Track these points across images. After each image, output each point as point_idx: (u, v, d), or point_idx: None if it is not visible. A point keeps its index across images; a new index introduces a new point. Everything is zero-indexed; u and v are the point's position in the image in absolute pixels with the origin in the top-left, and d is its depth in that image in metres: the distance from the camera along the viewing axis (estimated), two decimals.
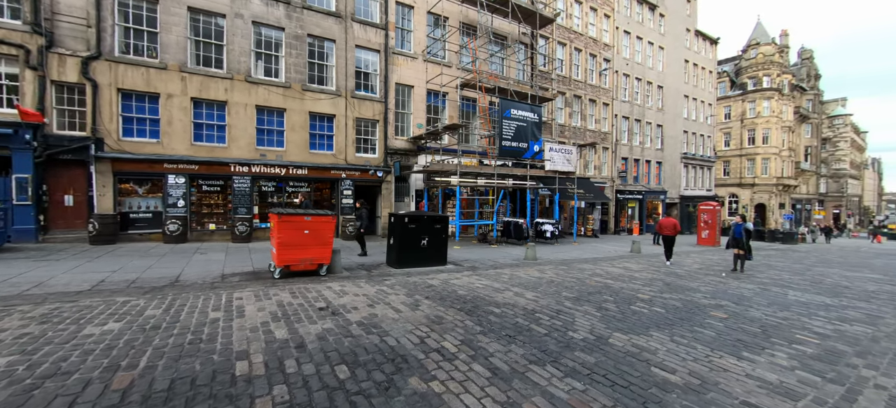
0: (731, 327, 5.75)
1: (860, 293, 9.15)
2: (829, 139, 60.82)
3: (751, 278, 10.46)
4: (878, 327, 6.25)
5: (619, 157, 27.57)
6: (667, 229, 12.68)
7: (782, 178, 43.97)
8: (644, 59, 29.50)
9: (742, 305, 7.26)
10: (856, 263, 15.76)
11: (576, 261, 12.49)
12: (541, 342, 4.72)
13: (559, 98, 23.67)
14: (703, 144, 36.01)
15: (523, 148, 17.46)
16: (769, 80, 44.20)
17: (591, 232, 23.56)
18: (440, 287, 7.66)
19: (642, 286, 8.59)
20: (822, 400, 3.63)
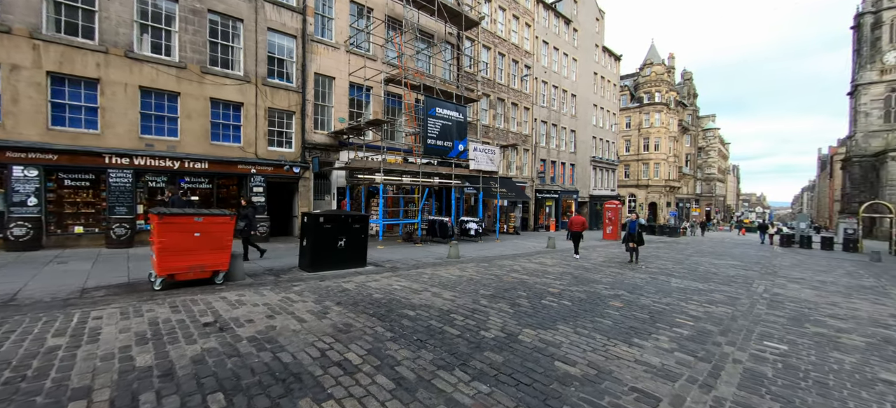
0: (625, 316, 6.28)
1: (724, 278, 10.83)
2: (703, 148, 72.42)
3: (643, 269, 11.77)
4: (736, 307, 7.37)
5: (538, 158, 29.41)
6: (576, 226, 13.84)
7: (669, 180, 51.15)
8: (560, 69, 31.87)
9: (635, 293, 8.06)
10: (721, 253, 18.82)
11: (496, 258, 12.87)
12: (452, 345, 4.60)
13: (484, 100, 24.40)
14: (609, 149, 40.22)
15: (448, 147, 17.57)
16: (660, 95, 51.05)
17: (512, 229, 24.74)
18: (355, 291, 7.20)
19: (554, 280, 9.09)
20: (694, 379, 4.05)
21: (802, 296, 8.84)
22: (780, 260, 16.86)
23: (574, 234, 13.92)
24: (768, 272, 12.63)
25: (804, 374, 4.34)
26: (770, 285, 10.02)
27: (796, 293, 9.14)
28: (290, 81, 15.99)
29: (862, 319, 7.00)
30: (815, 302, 8.25)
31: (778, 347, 5.21)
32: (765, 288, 9.57)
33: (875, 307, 8.06)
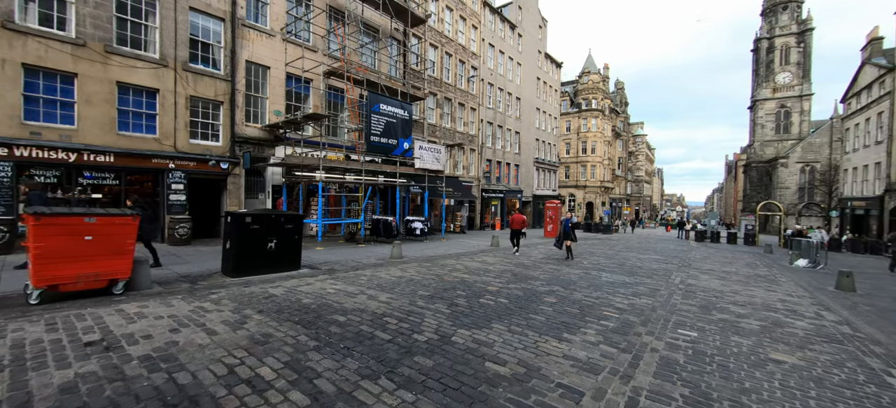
0: (558, 311, 6.47)
1: (647, 271, 11.73)
2: (632, 153, 78.92)
3: (578, 264, 12.39)
4: (656, 298, 7.95)
5: (484, 158, 29.96)
6: (516, 224, 14.37)
7: (604, 181, 55.01)
8: (505, 72, 32.77)
9: (569, 288, 8.38)
10: (647, 248, 20.51)
11: (440, 257, 12.78)
12: (381, 351, 4.35)
13: (431, 98, 24.29)
14: (551, 151, 42.23)
15: (393, 144, 17.18)
16: (596, 102, 54.67)
17: (459, 228, 24.93)
18: (282, 297, 6.64)
19: (494, 278, 9.18)
20: (616, 370, 4.20)
21: (711, 286, 9.82)
22: (694, 253, 18.76)
23: (514, 232, 14.43)
24: (684, 265, 13.95)
25: (710, 358, 4.72)
26: (685, 277, 11.03)
27: (706, 283, 10.14)
28: (218, 68, 14.57)
29: (757, 304, 7.90)
30: (721, 291, 9.19)
31: (689, 334, 5.65)
32: (681, 279, 10.51)
33: (767, 294, 9.18)
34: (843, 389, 4.08)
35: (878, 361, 5.02)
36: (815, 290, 9.94)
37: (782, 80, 57.14)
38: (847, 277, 10.17)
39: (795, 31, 56.38)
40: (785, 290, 9.79)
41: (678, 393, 3.74)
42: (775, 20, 57.99)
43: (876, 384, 4.24)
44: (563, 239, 13.40)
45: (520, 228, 14.52)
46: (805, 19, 56.08)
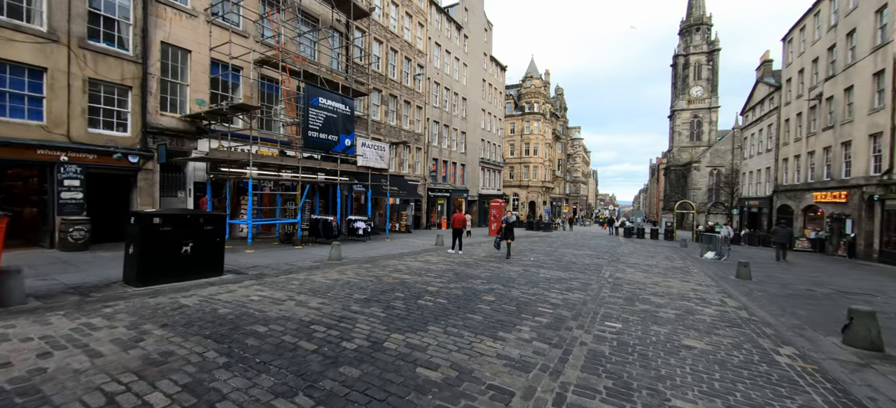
0: (495, 309, 6.49)
1: (581, 267, 12.38)
2: (571, 155, 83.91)
3: (518, 262, 12.72)
4: (588, 292, 8.36)
5: (430, 157, 29.88)
6: (457, 223, 14.52)
7: (545, 182, 57.79)
8: (452, 72, 32.98)
9: (508, 286, 8.51)
10: (582, 244, 21.79)
11: (382, 258, 12.40)
12: (303, 364, 3.97)
13: (375, 95, 23.63)
14: (495, 152, 43.38)
15: (333, 141, 16.38)
16: (538, 106, 57.23)
17: (404, 228, 24.57)
18: (195, 308, 5.91)
19: (435, 278, 9.05)
20: (546, 366, 4.25)
21: (636, 278, 10.59)
22: (622, 249, 20.31)
23: (456, 231, 14.54)
24: (614, 260, 14.98)
25: (632, 348, 4.98)
26: (614, 271, 11.80)
27: (632, 276, 10.93)
28: (126, 48, 12.78)
29: (673, 294, 8.64)
30: (643, 283, 9.94)
31: (615, 326, 5.95)
32: (610, 274, 11.22)
33: (682, 284, 10.11)
34: (742, 369, 4.50)
35: (768, 341, 5.66)
36: (720, 279, 11.17)
37: (695, 93, 64.33)
38: (745, 267, 11.56)
39: (706, 50, 63.71)
40: (696, 280, 10.87)
41: (602, 386, 3.86)
42: (690, 39, 65.05)
43: (767, 363, 4.75)
44: (503, 238, 13.60)
45: (461, 228, 14.65)
46: (713, 40, 63.60)
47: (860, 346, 5.48)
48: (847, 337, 5.68)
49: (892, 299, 9.30)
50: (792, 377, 4.35)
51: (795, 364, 4.77)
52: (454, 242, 14.70)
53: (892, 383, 4.33)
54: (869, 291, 10.32)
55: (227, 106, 13.31)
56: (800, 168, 26.81)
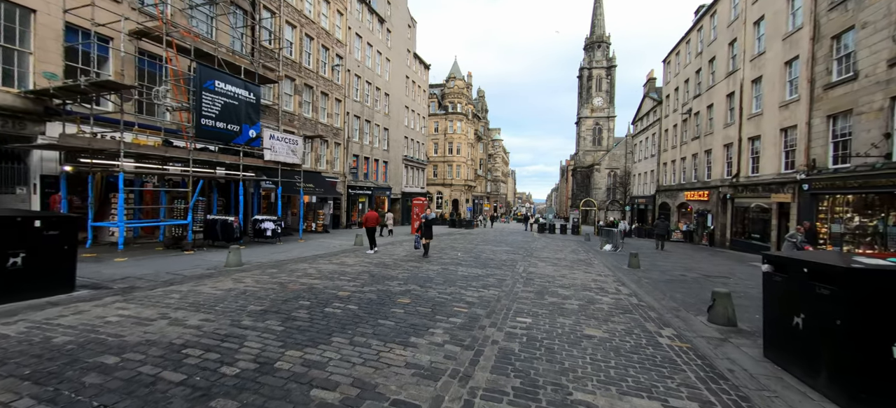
0: (410, 312, 6.20)
1: (498, 263, 12.78)
2: (491, 155, 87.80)
3: (438, 260, 12.66)
4: (502, 288, 8.56)
5: (350, 153, 28.53)
6: (370, 222, 14.07)
7: (468, 180, 59.54)
8: (373, 66, 31.92)
9: (425, 286, 8.30)
10: (500, 241, 22.74)
11: (291, 261, 11.30)
12: (160, 402, 3.20)
13: (288, 83, 21.68)
14: (419, 150, 43.28)
15: (234, 131, 14.53)
16: (461, 106, 58.67)
17: (321, 228, 23.04)
18: (18, 339, 4.54)
19: (348, 282, 8.45)
20: (457, 371, 4.08)
21: (546, 272, 11.23)
22: (536, 243, 21.69)
23: (370, 230, 14.09)
24: (528, 255, 15.83)
25: (539, 343, 5.10)
26: (527, 266, 12.41)
27: (543, 270, 11.58)
28: None
29: (577, 286, 9.30)
30: (552, 276, 10.57)
31: (525, 321, 6.09)
32: (523, 268, 11.75)
33: (585, 275, 10.99)
34: (632, 354, 4.88)
35: (653, 324, 6.31)
36: (616, 269, 12.44)
37: (597, 103, 72.10)
38: (635, 258, 13.05)
39: (605, 65, 71.70)
40: (597, 271, 11.93)
41: (510, 386, 3.80)
42: (593, 55, 72.58)
43: (653, 346, 5.24)
44: (422, 236, 13.35)
45: (374, 226, 14.26)
46: (611, 58, 71.86)
47: (721, 323, 6.40)
48: (711, 316, 6.60)
49: (741, 280, 11.26)
50: (672, 358, 4.83)
51: (674, 344, 5.34)
52: (370, 241, 14.22)
53: (744, 354, 5.07)
54: (724, 274, 12.40)
55: (87, 83, 10.86)
56: (675, 171, 31.56)
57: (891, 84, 12.59)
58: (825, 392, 3.88)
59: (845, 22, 14.71)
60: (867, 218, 14.24)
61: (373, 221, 14.19)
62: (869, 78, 13.44)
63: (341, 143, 27.17)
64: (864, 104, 13.62)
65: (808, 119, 16.40)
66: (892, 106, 12.66)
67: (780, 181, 18.04)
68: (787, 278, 4.54)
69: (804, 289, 4.20)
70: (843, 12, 14.84)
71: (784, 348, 4.62)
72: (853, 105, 14.12)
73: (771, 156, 19.00)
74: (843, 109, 14.62)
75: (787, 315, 4.47)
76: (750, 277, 11.84)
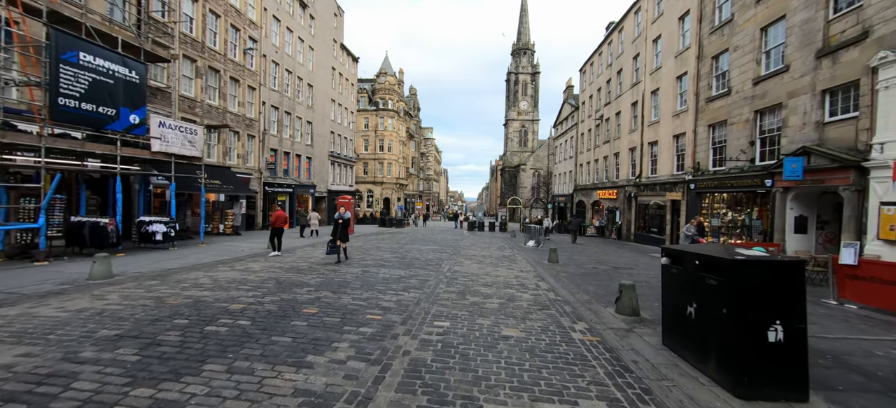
0: (314, 325, 5.47)
1: (424, 262, 12.40)
2: (424, 154, 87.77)
3: (360, 262, 11.87)
4: (424, 290, 8.16)
5: (267, 147, 26.01)
6: (278, 222, 12.97)
7: (399, 178, 58.59)
8: (295, 54, 29.51)
9: (339, 292, 7.56)
10: (429, 239, 22.47)
11: (182, 270, 9.65)
12: None
13: (187, 65, 18.88)
14: (347, 146, 41.32)
15: (108, 115, 12.09)
16: (392, 103, 57.47)
17: (231, 229, 20.55)
18: None
19: (247, 292, 7.34)
20: (356, 394, 3.53)
21: (471, 270, 11.13)
22: (464, 241, 21.84)
23: (275, 231, 12.90)
24: (455, 253, 15.73)
25: (455, 349, 4.77)
26: (453, 264, 12.22)
27: (468, 268, 11.47)
28: None
29: (500, 283, 9.29)
30: (476, 274, 10.49)
31: (443, 325, 5.75)
32: (449, 267, 11.52)
33: (508, 272, 11.11)
34: (546, 353, 4.78)
35: (567, 319, 6.40)
36: (537, 264, 12.85)
37: (523, 107, 76.03)
38: (554, 253, 13.64)
39: (530, 71, 75.86)
40: (519, 267, 12.19)
41: (416, 406, 3.37)
42: (519, 60, 76.29)
43: (566, 342, 5.23)
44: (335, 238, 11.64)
45: (282, 227, 13.07)
46: (535, 64, 76.27)
47: (626, 313, 6.73)
48: (618, 307, 6.93)
49: (643, 271, 12.35)
50: (583, 354, 4.83)
51: (585, 338, 5.41)
52: (277, 244, 13.03)
53: (646, 343, 5.30)
54: (630, 266, 13.53)
55: None
56: (590, 172, 34.36)
57: (755, 99, 14.87)
58: (714, 377, 4.11)
59: (722, 44, 17.09)
60: (737, 213, 16.73)
61: (281, 221, 13.00)
62: (739, 94, 15.74)
63: (256, 135, 24.60)
64: (736, 116, 15.94)
65: (694, 127, 18.79)
66: (755, 118, 14.97)
67: (672, 181, 20.46)
68: (681, 270, 4.79)
69: (696, 280, 4.44)
70: (720, 36, 17.22)
71: (680, 336, 4.89)
72: (727, 116, 16.44)
73: (666, 159, 21.47)
74: (720, 120, 16.97)
75: (682, 305, 4.71)
76: (650, 268, 13.07)
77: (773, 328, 3.75)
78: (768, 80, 14.28)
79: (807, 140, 12.49)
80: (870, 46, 10.76)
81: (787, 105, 13.41)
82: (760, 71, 14.81)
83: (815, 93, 12.40)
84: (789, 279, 3.81)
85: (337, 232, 11.58)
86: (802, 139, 12.68)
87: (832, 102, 12.06)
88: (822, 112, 12.24)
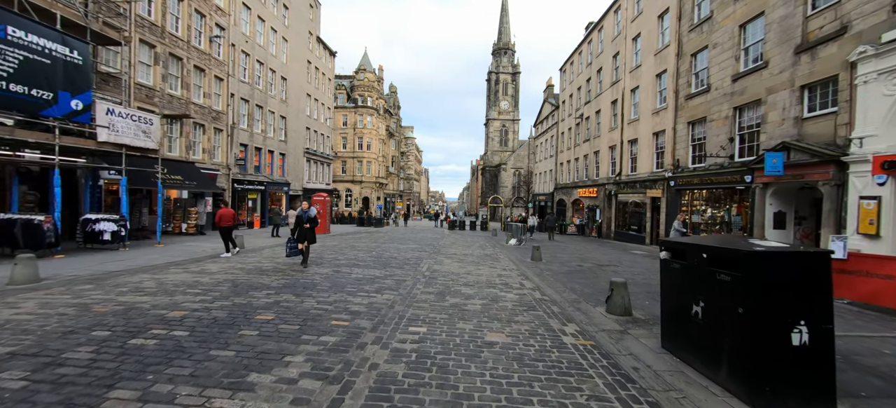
0: (266, 334, 4.67)
1: (401, 262, 11.65)
2: (404, 153, 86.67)
3: (332, 262, 11.02)
4: (400, 291, 7.44)
5: (237, 142, 24.55)
6: (225, 220, 11.82)
7: (379, 177, 57.38)
8: (267, 44, 28.07)
9: (303, 295, 6.74)
10: (409, 238, 21.70)
11: (126, 272, 8.56)
12: None
13: (145, 50, 17.40)
14: (324, 143, 39.92)
15: (44, 99, 10.76)
16: (371, 100, 56.21)
17: (194, 228, 19.13)
18: None
19: (194, 297, 6.42)
20: None
21: (452, 270, 10.47)
22: (445, 240, 21.18)
23: (224, 230, 11.79)
24: (435, 251, 15.05)
25: (431, 361, 4.09)
26: (433, 263, 11.53)
27: (448, 267, 10.81)
28: None
29: (482, 283, 8.67)
30: (457, 273, 9.84)
31: (419, 331, 5.06)
32: (428, 266, 10.83)
33: (491, 270, 10.52)
34: (537, 362, 4.17)
35: (556, 321, 5.83)
36: (520, 262, 12.33)
37: (504, 106, 76.11)
38: (537, 250, 13.16)
39: (511, 71, 76.05)
40: (502, 266, 11.62)
41: None
42: (500, 60, 76.34)
43: (558, 348, 4.64)
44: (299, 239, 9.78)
45: (229, 226, 11.84)
46: (516, 64, 76.50)
47: (618, 313, 6.23)
48: (609, 306, 6.42)
49: (628, 267, 12.02)
50: (578, 361, 4.25)
51: (578, 342, 4.84)
52: (227, 244, 11.91)
53: (644, 346, 4.78)
54: (613, 263, 13.22)
55: None
56: (570, 171, 34.39)
57: (734, 96, 14.89)
58: (727, 386, 3.60)
59: (701, 42, 17.12)
60: (716, 209, 16.79)
61: (228, 220, 11.80)
62: (718, 90, 15.76)
63: (224, 129, 23.14)
64: (715, 113, 15.96)
65: (674, 125, 18.81)
66: (735, 115, 14.99)
67: (652, 179, 20.47)
68: (685, 266, 4.28)
69: (704, 276, 3.93)
70: (699, 33, 17.25)
71: (683, 339, 4.38)
72: (707, 113, 16.46)
73: (646, 157, 21.49)
74: (700, 117, 16.99)
75: (686, 304, 4.20)
76: (633, 264, 12.78)
77: (798, 329, 3.26)
78: (747, 77, 14.30)
79: (786, 136, 12.50)
80: (848, 42, 10.78)
81: (767, 101, 13.43)
82: (739, 68, 14.84)
83: (794, 89, 12.41)
84: (815, 273, 3.33)
85: (297, 232, 9.81)
86: (782, 135, 12.69)
87: (811, 98, 12.10)
88: (801, 108, 12.26)
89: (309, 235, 9.77)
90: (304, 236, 9.67)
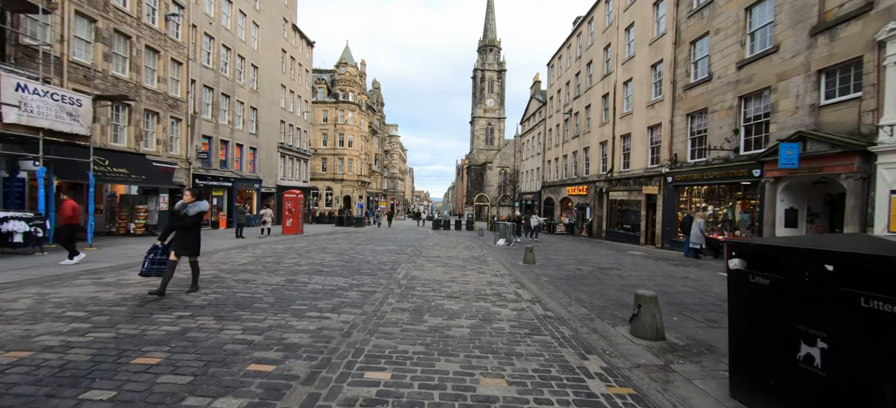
0: (129, 395, 2.95)
1: (375, 267, 9.97)
2: (388, 151, 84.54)
3: (292, 268, 9.25)
4: (364, 308, 5.78)
5: (199, 134, 22.28)
6: (65, 218, 9.08)
7: (361, 175, 55.24)
8: (234, 28, 25.81)
9: (227, 319, 5.00)
10: (388, 239, 19.97)
11: (7, 286, 6.60)
12: None
13: (83, 24, 15.11)
14: (301, 138, 37.67)
15: None
16: (353, 96, 54.02)
17: (143, 229, 16.90)
18: None
19: (64, 326, 4.61)
20: None
21: (434, 276, 8.86)
22: (428, 241, 19.54)
23: (63, 229, 9.18)
24: (416, 253, 13.40)
25: None
26: (411, 268, 9.89)
27: (430, 274, 9.18)
28: None
29: (470, 294, 7.09)
30: (440, 281, 8.23)
31: (379, 379, 3.42)
32: (405, 273, 9.18)
33: (479, 277, 8.96)
34: None
35: (571, 351, 4.30)
36: (511, 266, 10.82)
37: (489, 104, 74.96)
38: (530, 253, 11.68)
39: (497, 69, 74.93)
40: (492, 270, 10.08)
41: None
42: (486, 58, 75.13)
43: (584, 395, 3.09)
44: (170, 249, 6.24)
45: (73, 225, 9.12)
46: (502, 62, 75.45)
47: (649, 337, 4.75)
48: (634, 327, 4.95)
49: (633, 272, 10.66)
50: None
51: (612, 392, 3.32)
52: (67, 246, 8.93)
53: (704, 393, 3.29)
54: (615, 266, 11.86)
55: None
56: (558, 168, 33.26)
57: (739, 85, 13.79)
58: None
59: (701, 28, 16.02)
60: (718, 207, 15.71)
61: (67, 217, 9.01)
62: (721, 79, 14.66)
63: (184, 118, 20.85)
64: (717, 103, 14.86)
65: (671, 117, 17.71)
66: (740, 105, 13.89)
67: (647, 175, 19.36)
68: (782, 282, 2.80)
69: (828, 300, 2.45)
70: (699, 19, 16.16)
71: (780, 391, 2.90)
72: (708, 104, 15.36)
73: (640, 152, 20.39)
74: (700, 108, 15.89)
75: (787, 341, 2.72)
76: (637, 268, 11.46)
77: None
78: (754, 63, 13.21)
79: (800, 125, 11.39)
80: (874, 19, 9.69)
81: (777, 89, 12.33)
82: (745, 54, 13.74)
83: (809, 74, 11.32)
84: None
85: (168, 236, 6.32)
86: (795, 124, 11.59)
87: (829, 83, 11.01)
88: (817, 94, 11.16)
89: (189, 243, 6.18)
90: (183, 244, 6.09)
